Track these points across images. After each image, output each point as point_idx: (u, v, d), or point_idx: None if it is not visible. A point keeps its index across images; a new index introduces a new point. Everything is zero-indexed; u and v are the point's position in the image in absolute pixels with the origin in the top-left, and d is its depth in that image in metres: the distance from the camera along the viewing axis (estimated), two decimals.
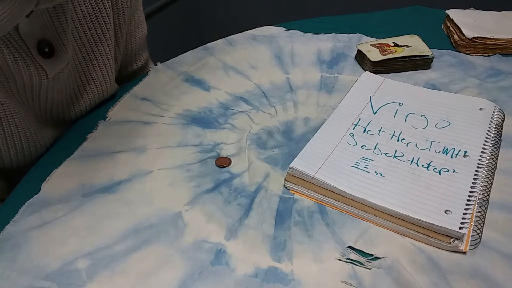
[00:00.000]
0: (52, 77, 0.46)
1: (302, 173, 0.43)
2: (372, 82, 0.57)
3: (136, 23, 0.60)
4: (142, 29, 0.62)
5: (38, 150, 0.51)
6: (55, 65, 0.46)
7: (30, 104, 0.47)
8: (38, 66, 0.44)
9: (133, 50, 0.63)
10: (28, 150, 0.49)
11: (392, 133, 0.48)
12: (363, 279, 0.36)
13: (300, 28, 0.72)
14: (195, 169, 0.46)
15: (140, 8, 0.61)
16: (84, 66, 0.52)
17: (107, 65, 0.55)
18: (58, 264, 0.37)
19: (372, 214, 0.40)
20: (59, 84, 0.48)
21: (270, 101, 0.56)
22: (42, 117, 0.50)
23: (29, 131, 0.48)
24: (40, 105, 0.49)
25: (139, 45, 0.64)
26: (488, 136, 0.47)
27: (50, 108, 0.50)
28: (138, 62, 0.66)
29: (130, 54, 0.63)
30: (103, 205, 0.42)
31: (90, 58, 0.52)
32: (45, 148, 0.51)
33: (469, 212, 0.39)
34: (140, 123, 0.53)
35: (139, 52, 0.65)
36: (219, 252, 0.38)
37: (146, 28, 0.64)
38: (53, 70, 0.46)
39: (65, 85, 0.50)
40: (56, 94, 0.49)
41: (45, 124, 0.51)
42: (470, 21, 0.68)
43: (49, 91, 0.48)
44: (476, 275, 0.35)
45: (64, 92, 0.51)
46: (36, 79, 0.45)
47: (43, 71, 0.45)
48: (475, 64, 0.63)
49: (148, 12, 1.45)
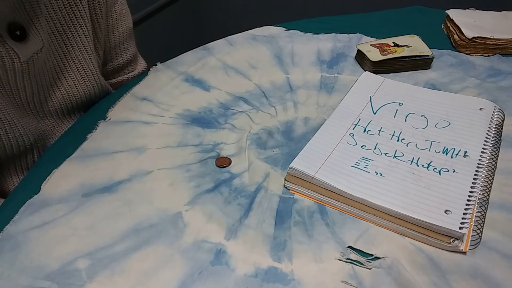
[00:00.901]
0: (25, 60, 0.46)
1: (302, 173, 0.43)
2: (372, 82, 0.57)
3: (118, 15, 0.61)
4: (125, 22, 0.62)
5: (20, 140, 0.50)
6: (28, 48, 0.46)
7: (8, 92, 0.47)
8: (9, 49, 0.44)
9: (117, 43, 0.63)
10: (7, 138, 0.49)
11: (392, 133, 0.48)
12: (363, 279, 0.36)
13: (300, 28, 0.72)
14: (195, 169, 0.46)
15: (122, 1, 0.61)
16: (60, 52, 0.52)
17: (86, 54, 0.55)
18: (58, 264, 0.37)
19: (372, 214, 0.40)
20: (35, 70, 0.48)
21: (270, 101, 0.56)
22: (24, 106, 0.50)
23: (7, 119, 0.48)
24: (20, 93, 0.49)
25: (123, 38, 0.63)
26: (488, 136, 0.47)
27: (32, 97, 0.50)
28: (124, 56, 0.66)
29: (114, 47, 0.63)
30: (103, 205, 0.42)
31: (66, 45, 0.52)
32: (30, 139, 0.51)
33: (469, 212, 0.39)
34: (140, 123, 0.53)
35: (124, 45, 0.65)
36: (219, 252, 0.38)
37: (131, 22, 0.64)
38: (26, 53, 0.46)
39: (42, 71, 0.50)
40: (33, 81, 0.49)
41: (27, 113, 0.51)
42: (470, 21, 0.68)
43: (25, 76, 0.48)
44: (476, 275, 0.35)
45: (42, 79, 0.51)
46: (9, 62, 0.45)
47: (15, 54, 0.45)
48: (475, 64, 0.63)
49: (148, 12, 1.45)
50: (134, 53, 0.68)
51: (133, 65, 0.69)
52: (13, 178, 0.53)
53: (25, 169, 0.54)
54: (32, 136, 0.52)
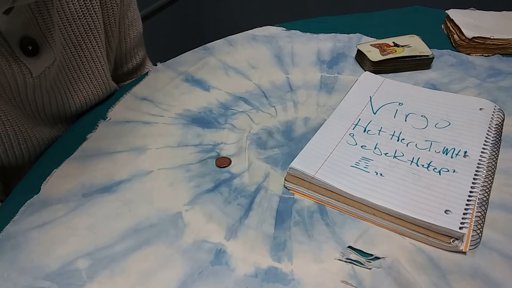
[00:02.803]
0: (37, 75, 0.45)
1: (302, 173, 0.43)
2: (372, 82, 0.57)
3: (130, 21, 0.60)
4: (137, 27, 0.62)
5: (32, 149, 0.50)
6: (40, 63, 0.45)
7: (18, 103, 0.47)
8: (21, 65, 0.43)
9: (128, 48, 0.62)
10: (19, 149, 0.48)
11: (392, 133, 0.48)
12: (363, 279, 0.36)
13: (300, 28, 0.72)
14: (195, 169, 0.46)
15: (134, 7, 0.61)
16: (74, 64, 0.51)
17: (99, 64, 0.54)
18: (58, 264, 0.37)
19: (372, 214, 0.40)
20: (47, 83, 0.48)
21: (270, 101, 0.56)
22: (35, 116, 0.50)
23: (20, 130, 0.47)
24: (30, 104, 0.48)
25: (134, 44, 0.63)
26: (488, 136, 0.47)
27: (43, 108, 0.50)
28: (134, 61, 0.65)
29: (125, 53, 0.63)
30: (103, 205, 0.42)
31: (80, 57, 0.52)
32: (42, 147, 0.51)
33: (469, 212, 0.39)
34: (140, 123, 0.53)
35: (134, 51, 0.64)
36: (219, 252, 0.38)
37: (142, 26, 0.64)
38: (38, 68, 0.45)
39: (55, 84, 0.49)
40: (45, 94, 0.48)
41: (39, 123, 0.50)
42: (470, 21, 0.68)
43: (37, 90, 0.47)
44: (476, 275, 0.35)
45: (55, 91, 0.50)
46: (20, 78, 0.44)
47: (27, 69, 0.43)
48: (475, 64, 0.63)
49: (148, 12, 1.45)
50: (143, 57, 0.67)
51: (142, 69, 0.69)
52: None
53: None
54: (44, 145, 0.51)
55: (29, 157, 0.50)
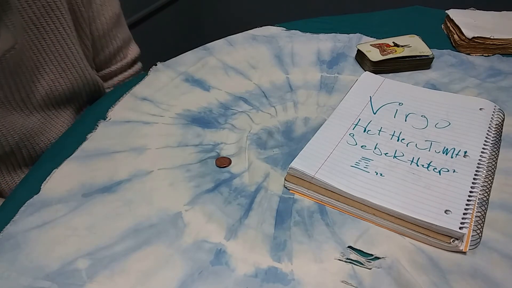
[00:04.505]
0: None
1: (302, 173, 0.43)
2: (372, 82, 0.57)
3: (102, 1, 0.59)
4: (111, 8, 0.61)
5: (2, 140, 0.49)
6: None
7: None
8: None
9: (105, 30, 0.61)
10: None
11: (392, 133, 0.48)
12: (363, 279, 0.36)
13: (300, 28, 0.72)
14: (195, 169, 0.46)
15: None
16: (39, 47, 0.51)
17: (66, 47, 0.53)
18: (58, 264, 0.37)
19: (372, 214, 0.40)
20: (11, 67, 0.47)
21: (270, 101, 0.56)
22: (5, 104, 0.49)
23: None
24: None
25: (111, 25, 0.62)
26: (488, 136, 0.47)
27: (11, 93, 0.49)
28: (114, 44, 0.64)
29: (102, 36, 0.61)
30: (103, 205, 0.42)
31: (44, 39, 0.51)
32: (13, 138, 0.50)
33: (469, 212, 0.39)
34: (140, 123, 0.53)
35: (112, 32, 0.63)
36: (219, 252, 0.38)
37: (119, 7, 0.62)
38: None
39: (20, 68, 0.49)
40: (10, 78, 0.48)
41: (9, 111, 0.50)
42: (470, 21, 0.68)
43: (1, 75, 0.46)
44: (476, 275, 0.35)
45: (20, 75, 0.49)
46: None
47: None
48: (475, 64, 0.63)
49: (148, 12, 1.44)
50: (125, 40, 0.66)
51: (124, 52, 0.67)
52: (5, 177, 0.52)
53: (16, 168, 0.53)
54: (17, 136, 0.50)
55: (2, 147, 0.49)
